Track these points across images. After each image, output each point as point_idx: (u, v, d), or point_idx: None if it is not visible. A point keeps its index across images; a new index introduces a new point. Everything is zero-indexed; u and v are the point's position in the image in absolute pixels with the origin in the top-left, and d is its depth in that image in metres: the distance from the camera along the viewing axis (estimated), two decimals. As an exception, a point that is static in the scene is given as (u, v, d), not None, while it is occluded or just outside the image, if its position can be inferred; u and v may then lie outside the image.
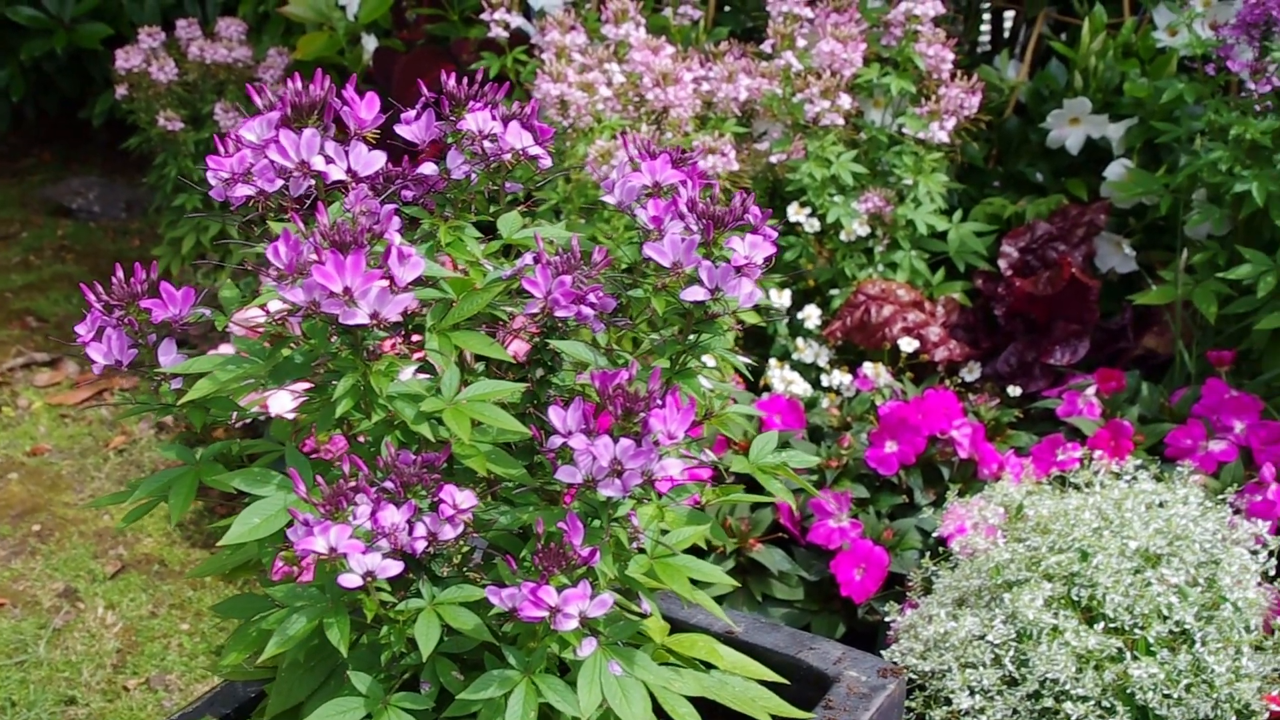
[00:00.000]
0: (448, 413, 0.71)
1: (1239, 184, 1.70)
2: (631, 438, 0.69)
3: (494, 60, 2.19)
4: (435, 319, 0.75)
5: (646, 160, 0.83)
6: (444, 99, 0.83)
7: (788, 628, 1.03)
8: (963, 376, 1.90)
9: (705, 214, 0.76)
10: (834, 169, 1.88)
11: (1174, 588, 1.31)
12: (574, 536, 0.69)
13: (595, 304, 0.77)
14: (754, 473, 0.83)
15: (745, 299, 0.77)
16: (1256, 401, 1.66)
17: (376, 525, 0.68)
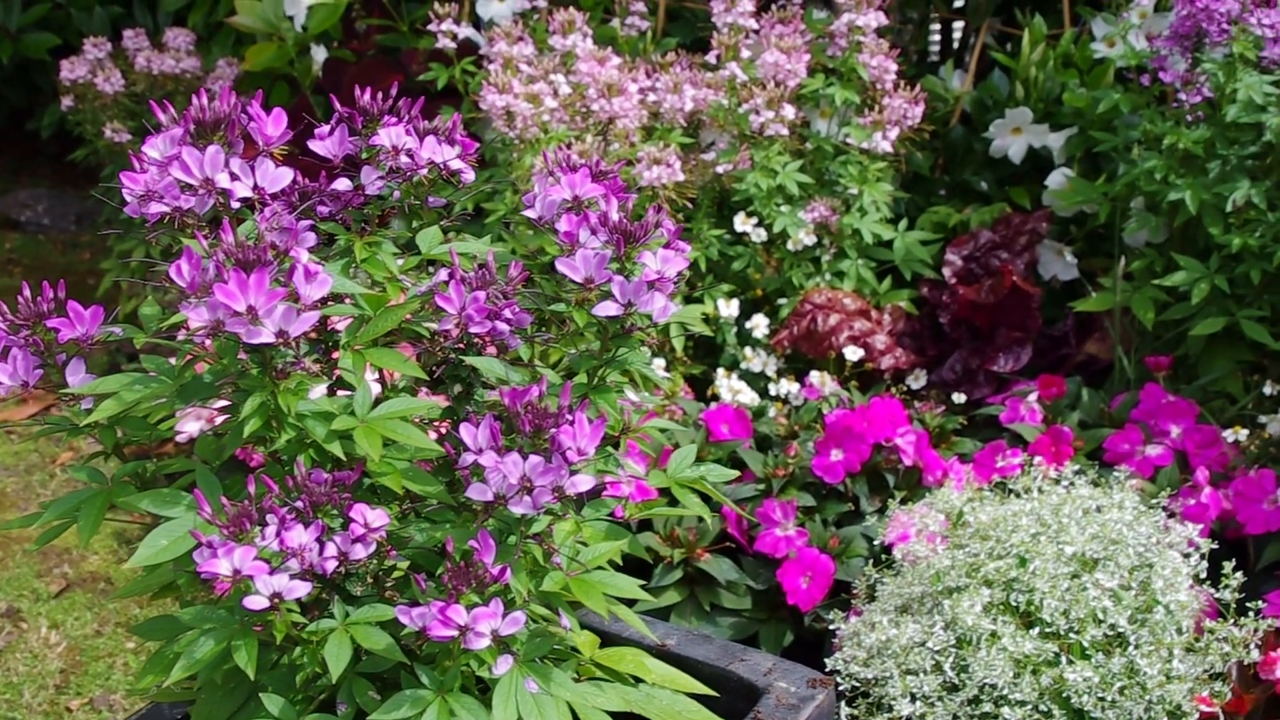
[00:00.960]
0: (359, 430, 0.71)
1: (1173, 193, 1.73)
2: (541, 454, 0.69)
3: (442, 71, 2.19)
4: (350, 336, 0.75)
5: (566, 174, 0.83)
6: (356, 114, 0.83)
7: (720, 640, 1.04)
8: (909, 384, 1.92)
9: (617, 229, 0.76)
10: (780, 179, 1.89)
11: (1108, 592, 1.32)
12: (485, 554, 0.69)
13: (511, 319, 0.77)
14: (671, 487, 0.84)
15: (659, 313, 0.78)
16: (1192, 406, 1.69)
17: (283, 546, 0.68)
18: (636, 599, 0.76)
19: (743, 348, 1.92)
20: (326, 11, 2.50)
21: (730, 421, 1.77)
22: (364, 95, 0.84)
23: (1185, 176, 1.74)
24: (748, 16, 1.96)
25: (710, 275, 1.99)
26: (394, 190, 0.86)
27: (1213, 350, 1.78)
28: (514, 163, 1.94)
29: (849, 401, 1.80)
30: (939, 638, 1.34)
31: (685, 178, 1.93)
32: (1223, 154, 1.74)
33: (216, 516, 0.68)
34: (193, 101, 0.78)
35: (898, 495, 1.70)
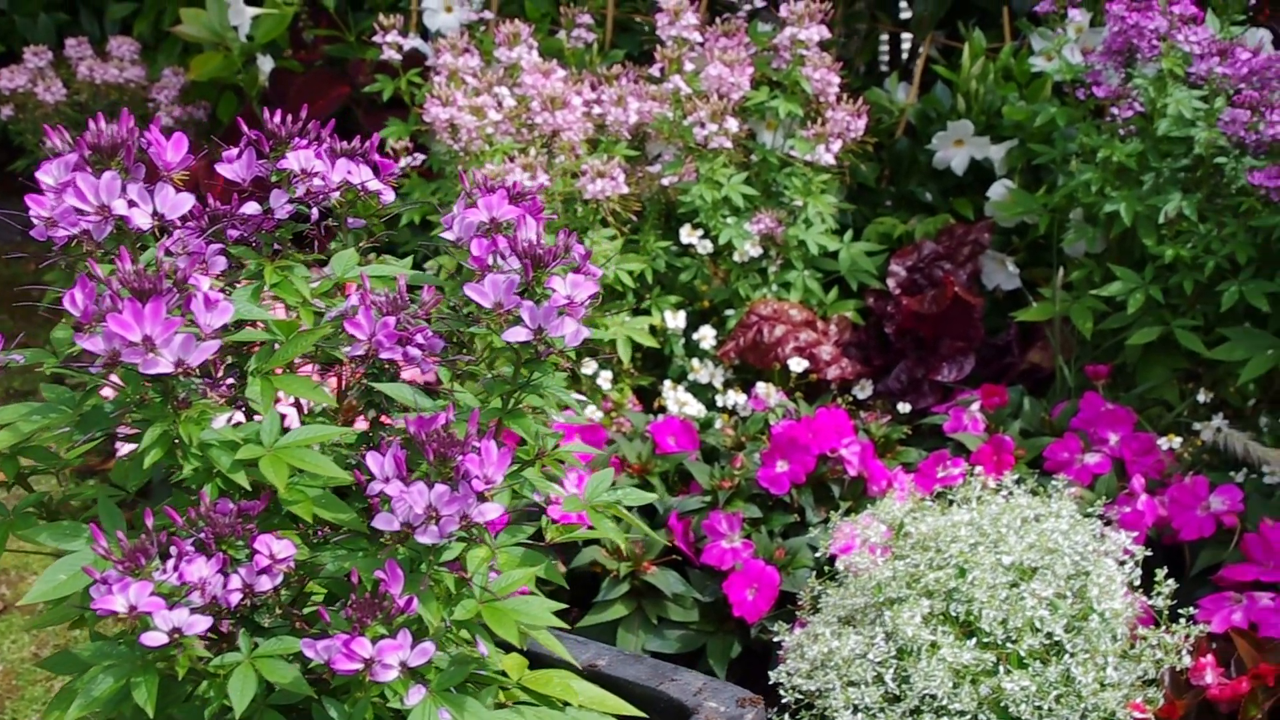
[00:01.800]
0: (265, 460, 0.70)
1: (1109, 204, 1.75)
2: (447, 483, 0.69)
3: (387, 83, 2.18)
4: (259, 362, 0.74)
5: (484, 195, 0.83)
6: (263, 138, 0.82)
7: (651, 659, 1.04)
8: (855, 394, 1.93)
9: (527, 254, 0.76)
10: (725, 191, 1.90)
11: (1045, 600, 1.34)
12: (393, 584, 0.69)
13: (423, 344, 0.77)
14: (587, 512, 0.84)
15: (571, 338, 0.78)
16: (1130, 414, 1.71)
17: (183, 580, 0.67)
18: (551, 625, 0.76)
19: (691, 359, 1.93)
20: (273, 21, 2.48)
21: (677, 434, 1.77)
22: (272, 118, 0.83)
23: (1120, 189, 1.77)
24: (692, 30, 1.97)
25: (658, 287, 1.99)
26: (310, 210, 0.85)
27: (1150, 358, 1.81)
28: (459, 175, 1.94)
29: (795, 412, 1.80)
30: (880, 649, 1.35)
31: (631, 190, 1.93)
32: (1155, 167, 1.77)
33: (112, 551, 0.67)
34: (89, 125, 0.77)
35: (843, 506, 1.71)
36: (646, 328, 1.91)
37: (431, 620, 0.70)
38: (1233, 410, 1.78)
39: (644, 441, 1.78)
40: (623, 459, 1.75)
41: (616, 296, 1.96)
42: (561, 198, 1.90)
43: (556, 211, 1.89)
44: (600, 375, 1.87)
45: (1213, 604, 1.47)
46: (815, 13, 1.93)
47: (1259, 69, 1.66)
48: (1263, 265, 1.72)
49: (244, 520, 0.70)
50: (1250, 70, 1.66)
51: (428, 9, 2.33)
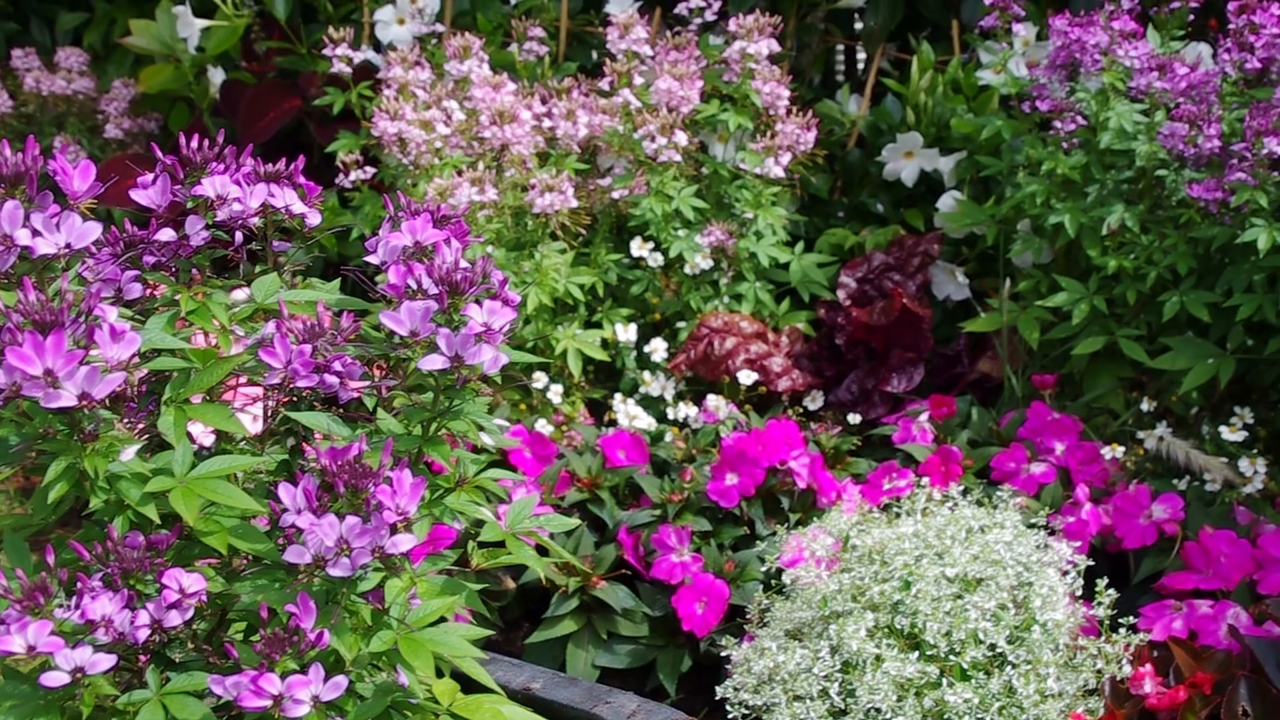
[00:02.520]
0: (175, 492, 0.70)
1: (1054, 216, 1.77)
2: (358, 515, 0.69)
3: (338, 96, 2.17)
4: (173, 391, 0.74)
5: (408, 219, 0.83)
6: (177, 164, 0.81)
7: (585, 682, 1.04)
8: (806, 405, 1.94)
9: (443, 281, 0.76)
10: (675, 204, 1.90)
11: (988, 612, 1.34)
12: (305, 617, 0.68)
13: (341, 371, 0.76)
14: (508, 539, 0.83)
15: (489, 365, 0.77)
16: (1076, 423, 1.73)
17: (86, 617, 0.66)
18: (471, 654, 0.76)
19: (642, 372, 1.93)
20: (225, 33, 2.46)
21: (627, 447, 1.77)
22: (188, 144, 0.83)
23: (1065, 200, 1.79)
24: (642, 44, 1.97)
25: (610, 299, 1.99)
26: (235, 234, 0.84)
27: (1095, 368, 1.83)
28: (409, 189, 1.93)
29: (746, 424, 1.81)
30: (825, 663, 1.35)
31: (581, 204, 1.93)
32: (1099, 179, 1.79)
33: (11, 590, 0.66)
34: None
35: (792, 518, 1.71)
36: (598, 341, 1.91)
37: (347, 653, 0.70)
38: (1176, 418, 1.80)
39: (594, 455, 1.77)
40: (572, 473, 1.75)
41: (568, 310, 1.96)
42: (511, 211, 1.89)
43: (506, 224, 1.89)
44: (551, 389, 1.87)
45: (1154, 612, 1.48)
46: (765, 27, 1.93)
47: (1197, 84, 1.68)
48: (1203, 276, 1.74)
49: (153, 554, 0.69)
50: (1189, 85, 1.68)
51: (380, 21, 2.32)
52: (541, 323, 1.89)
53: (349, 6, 2.46)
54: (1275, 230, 1.59)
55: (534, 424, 1.81)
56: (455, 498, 0.79)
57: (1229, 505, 1.60)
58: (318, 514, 0.68)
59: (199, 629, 0.74)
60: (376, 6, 2.34)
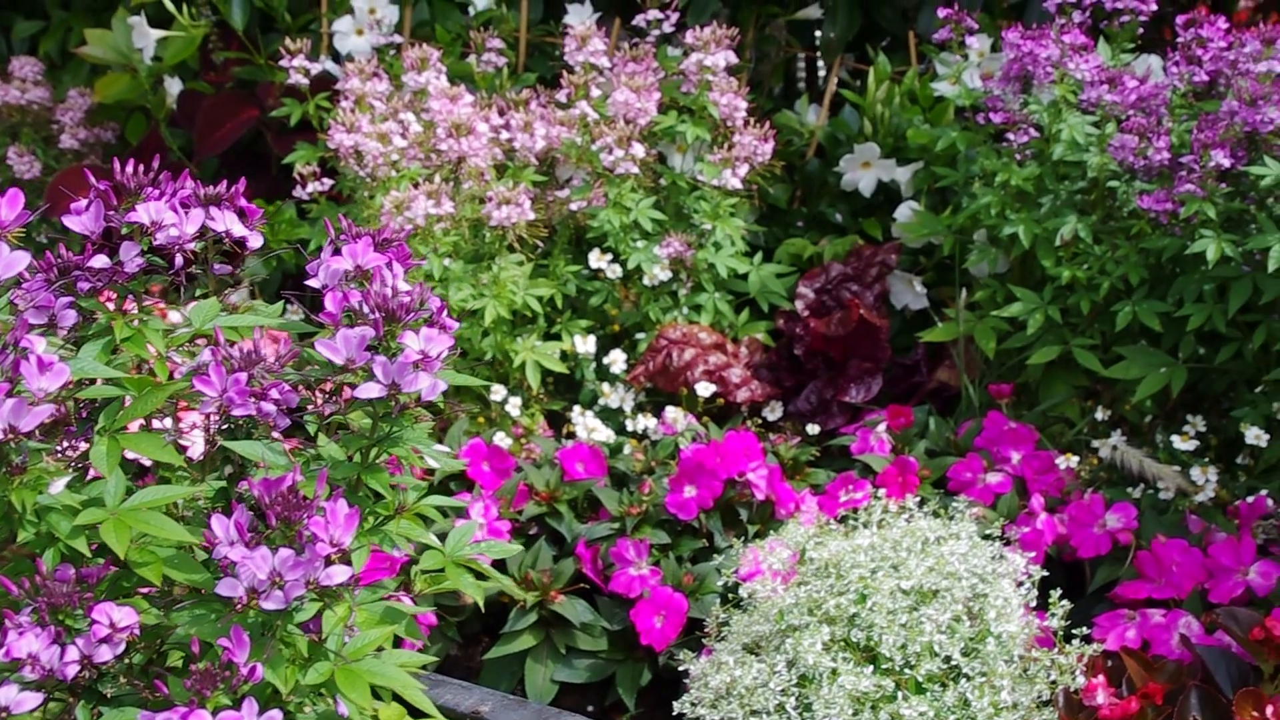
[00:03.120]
0: (106, 525, 0.69)
1: (1008, 227, 1.78)
2: (292, 547, 0.68)
3: (295, 107, 2.16)
4: (107, 420, 0.73)
5: (349, 243, 0.82)
6: (110, 190, 0.80)
7: (535, 704, 1.03)
8: (765, 416, 1.94)
9: (380, 308, 0.75)
10: (634, 216, 1.90)
11: (942, 625, 1.35)
12: (237, 652, 0.68)
13: (279, 399, 0.76)
14: (447, 567, 0.83)
15: (428, 392, 0.77)
16: (1032, 432, 1.74)
17: (9, 656, 0.65)
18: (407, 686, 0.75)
19: (602, 383, 1.93)
20: (182, 43, 2.43)
21: (585, 460, 1.77)
22: (123, 170, 0.82)
23: (1020, 211, 1.80)
24: (600, 55, 1.97)
25: (569, 311, 1.99)
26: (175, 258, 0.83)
27: (1051, 377, 1.84)
28: (366, 202, 1.92)
29: (705, 436, 1.81)
30: (782, 677, 1.35)
31: (539, 215, 1.93)
32: (1053, 190, 1.80)
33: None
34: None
35: (751, 529, 1.72)
36: (557, 353, 1.90)
37: (282, 686, 0.69)
38: (1131, 426, 1.81)
39: (552, 468, 1.77)
40: (531, 486, 1.74)
41: (527, 322, 1.96)
42: (469, 223, 1.89)
43: (464, 236, 1.88)
44: (510, 402, 1.86)
45: (1108, 621, 1.50)
46: (722, 39, 1.94)
47: (1146, 96, 1.70)
48: (1155, 285, 1.76)
49: (83, 588, 0.68)
50: (1138, 97, 1.70)
51: (338, 32, 2.31)
52: (500, 335, 1.88)
53: (308, 17, 2.45)
54: (1223, 241, 1.61)
55: (492, 437, 1.81)
56: (395, 525, 0.78)
57: (1182, 513, 1.61)
58: (250, 546, 0.67)
59: (134, 662, 0.73)
60: (335, 17, 2.33)
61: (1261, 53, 1.66)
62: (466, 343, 1.88)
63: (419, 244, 1.83)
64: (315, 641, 0.72)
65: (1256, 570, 1.46)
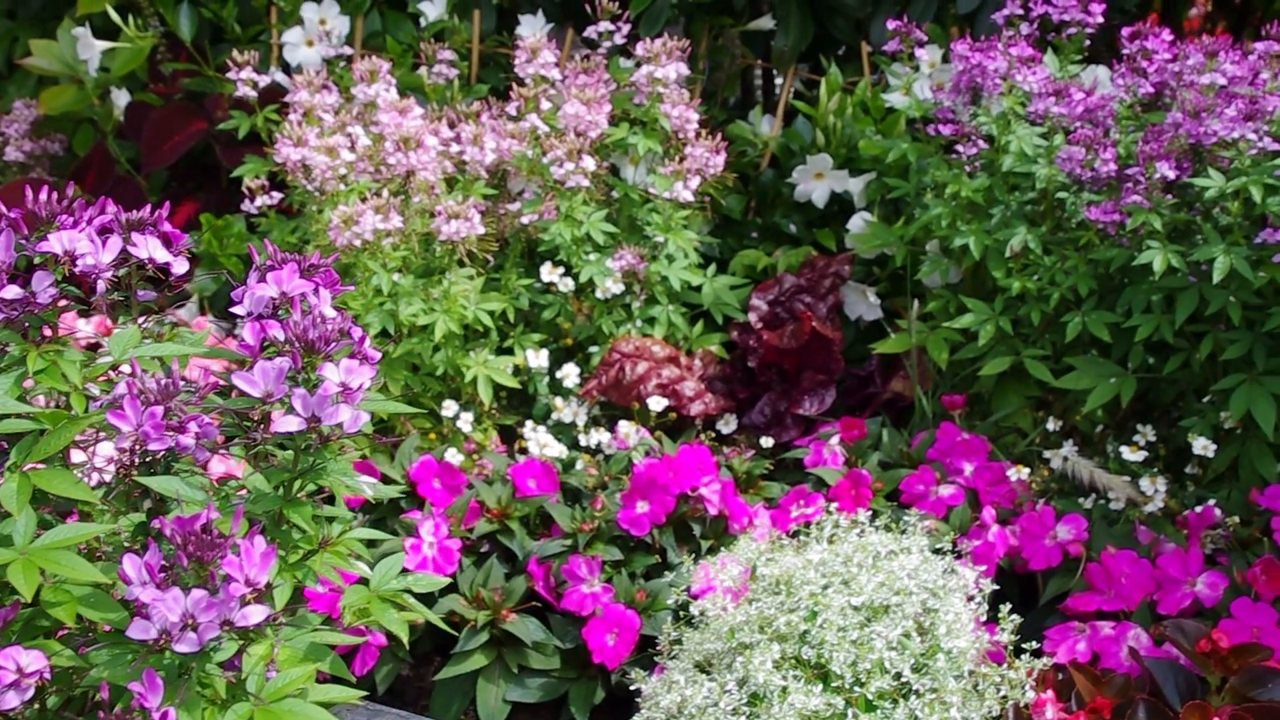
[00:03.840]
0: (15, 565, 0.66)
1: (959, 238, 1.79)
2: (206, 587, 0.66)
3: (243, 120, 2.13)
4: (18, 456, 0.70)
5: (274, 270, 0.80)
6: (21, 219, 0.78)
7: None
8: (719, 429, 1.93)
9: (298, 339, 0.73)
10: (585, 229, 1.89)
11: (893, 641, 1.34)
12: (150, 696, 0.66)
13: (199, 433, 0.74)
14: (370, 604, 0.81)
15: (350, 424, 0.75)
16: (984, 444, 1.74)
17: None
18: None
19: (555, 398, 1.91)
20: (130, 54, 2.40)
21: (537, 476, 1.75)
22: (35, 198, 0.79)
23: (971, 223, 1.80)
24: (551, 67, 1.96)
25: (522, 324, 1.97)
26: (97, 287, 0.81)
27: (1004, 387, 1.85)
28: (315, 216, 1.89)
29: (658, 450, 1.80)
30: (732, 696, 1.34)
31: (491, 228, 1.91)
32: (1003, 201, 1.81)
33: None
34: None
35: (704, 545, 1.71)
36: (509, 367, 1.88)
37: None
38: (1082, 436, 1.82)
39: (504, 485, 1.75)
40: (482, 503, 1.73)
41: (479, 336, 1.94)
42: (419, 237, 1.87)
43: (414, 251, 1.86)
44: (462, 417, 1.84)
45: (1058, 634, 1.50)
46: (673, 50, 1.93)
47: (1093, 108, 1.71)
48: (1104, 296, 1.77)
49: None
50: (1085, 109, 1.71)
51: (288, 43, 2.28)
52: (452, 349, 1.86)
53: (258, 27, 2.42)
54: (1170, 252, 1.62)
55: (444, 453, 1.79)
56: (319, 560, 0.76)
57: (1132, 524, 1.62)
58: (162, 587, 0.65)
59: (48, 706, 0.71)
60: (285, 28, 2.30)
61: (1204, 65, 1.67)
62: (417, 357, 1.86)
63: (368, 259, 1.81)
64: (233, 682, 0.70)
65: (1204, 581, 1.47)
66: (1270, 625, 1.39)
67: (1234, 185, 1.57)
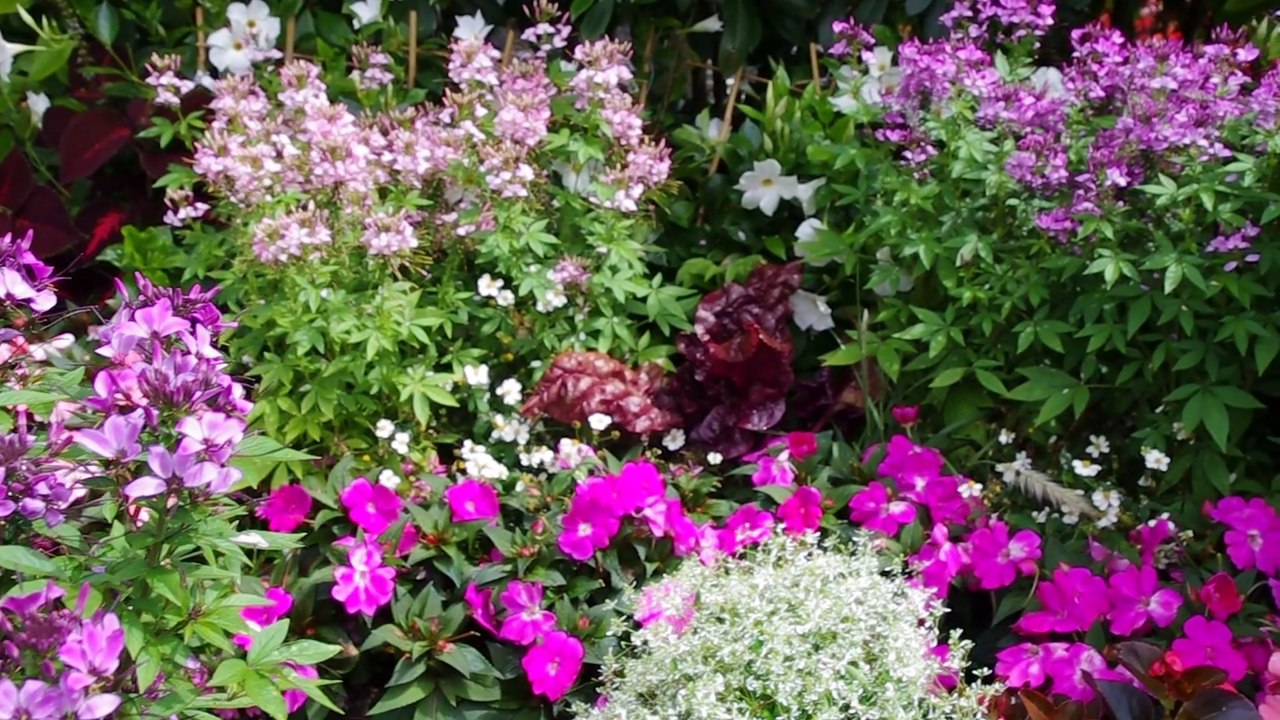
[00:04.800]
0: None
1: (908, 247, 1.74)
2: (43, 678, 0.59)
3: (166, 127, 2.04)
4: None
5: (143, 306, 0.73)
6: None
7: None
8: (666, 445, 1.88)
9: (156, 393, 0.66)
10: (524, 240, 1.82)
11: (841, 670, 1.29)
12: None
13: (48, 495, 0.67)
14: (247, 679, 0.74)
15: (218, 483, 0.68)
16: (936, 458, 1.70)
17: None
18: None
19: (496, 415, 1.84)
20: (48, 58, 2.30)
21: (476, 499, 1.68)
22: None
23: (921, 230, 1.76)
24: (487, 72, 1.89)
25: (461, 339, 1.90)
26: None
27: (956, 399, 1.80)
28: (240, 230, 1.81)
29: (603, 468, 1.74)
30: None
31: (426, 240, 1.84)
32: (954, 208, 1.76)
33: None
34: None
35: (649, 567, 1.65)
36: (448, 384, 1.81)
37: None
38: (1036, 447, 1.78)
39: (441, 508, 1.68)
40: (418, 528, 1.66)
41: (417, 352, 1.87)
42: (351, 250, 1.79)
43: (345, 265, 1.79)
44: (397, 438, 1.77)
45: (1011, 656, 1.45)
46: (613, 53, 1.87)
47: (1043, 113, 1.66)
48: (1056, 305, 1.73)
49: None
50: (1035, 114, 1.66)
51: (215, 46, 2.19)
52: (387, 367, 1.79)
53: (184, 29, 2.32)
54: (1121, 261, 1.58)
55: (379, 476, 1.71)
56: (189, 631, 0.69)
57: (1086, 539, 1.58)
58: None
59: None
60: (212, 30, 2.21)
61: (1155, 69, 1.63)
62: (351, 376, 1.78)
63: (296, 274, 1.73)
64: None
65: (1158, 600, 1.43)
66: (1224, 645, 1.35)
67: (1185, 192, 1.54)
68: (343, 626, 1.64)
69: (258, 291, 1.84)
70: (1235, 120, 1.56)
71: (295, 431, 1.78)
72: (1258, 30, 2.01)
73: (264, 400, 1.78)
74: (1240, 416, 1.60)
